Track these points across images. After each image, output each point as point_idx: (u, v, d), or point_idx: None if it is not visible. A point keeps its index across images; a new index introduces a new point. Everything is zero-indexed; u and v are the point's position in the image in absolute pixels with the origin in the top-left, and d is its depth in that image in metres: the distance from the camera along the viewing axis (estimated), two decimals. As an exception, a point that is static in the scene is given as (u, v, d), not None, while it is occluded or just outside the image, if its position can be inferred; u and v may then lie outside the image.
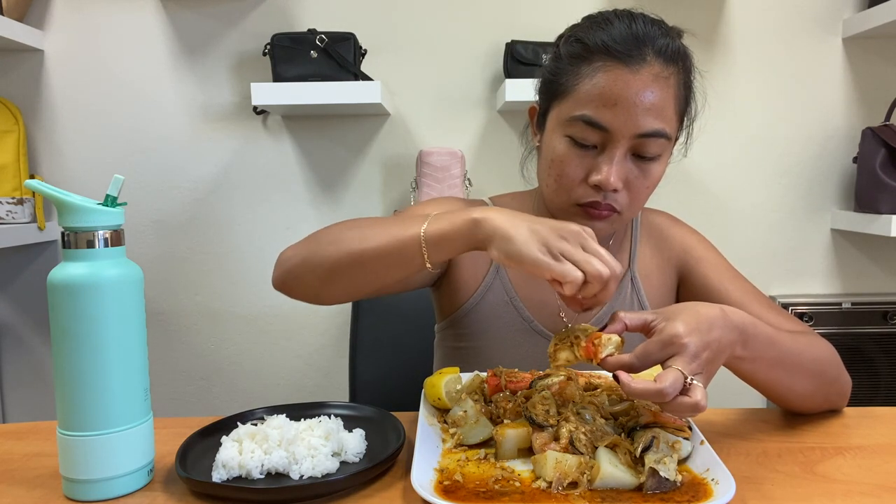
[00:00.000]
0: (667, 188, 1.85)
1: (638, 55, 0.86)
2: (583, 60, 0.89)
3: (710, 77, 1.84)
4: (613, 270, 0.71)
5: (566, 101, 0.90)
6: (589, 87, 0.87)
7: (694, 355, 0.69)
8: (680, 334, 0.69)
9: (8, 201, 1.72)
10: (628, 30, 0.88)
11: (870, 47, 1.83)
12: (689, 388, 0.67)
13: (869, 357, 1.83)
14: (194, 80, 1.84)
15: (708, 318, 0.72)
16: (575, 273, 0.69)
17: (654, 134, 0.87)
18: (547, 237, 0.72)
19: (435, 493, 0.63)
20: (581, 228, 0.74)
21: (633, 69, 0.86)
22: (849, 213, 1.81)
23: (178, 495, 0.70)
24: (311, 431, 0.75)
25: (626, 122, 0.86)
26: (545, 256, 0.70)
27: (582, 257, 0.71)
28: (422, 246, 0.78)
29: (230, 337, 1.93)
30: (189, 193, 1.87)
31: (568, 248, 0.71)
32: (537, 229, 0.73)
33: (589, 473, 0.66)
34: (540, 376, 0.82)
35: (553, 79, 0.93)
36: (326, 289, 0.87)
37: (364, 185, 1.87)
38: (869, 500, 0.67)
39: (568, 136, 0.90)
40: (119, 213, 0.69)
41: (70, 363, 0.67)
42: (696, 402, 0.66)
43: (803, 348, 0.85)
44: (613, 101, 0.86)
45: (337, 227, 0.88)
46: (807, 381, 0.85)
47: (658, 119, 0.87)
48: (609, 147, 0.88)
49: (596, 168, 0.89)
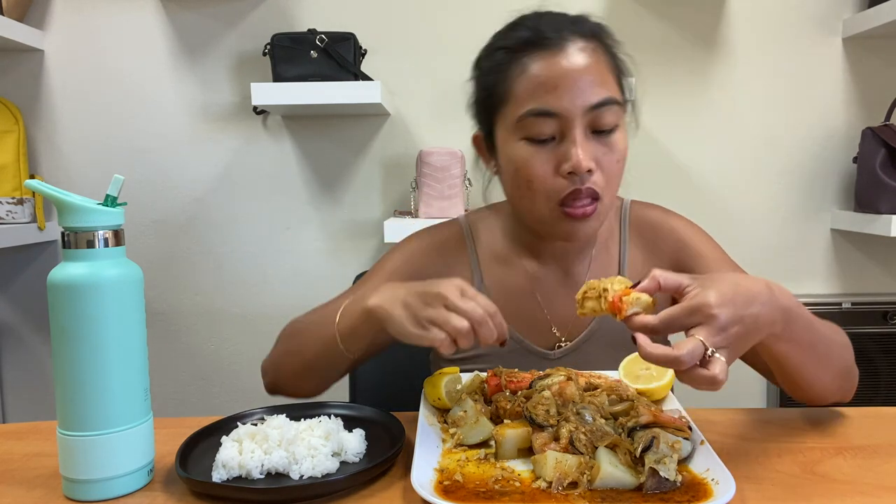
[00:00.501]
0: (667, 188, 1.86)
1: (558, 37, 0.87)
2: (509, 64, 0.89)
3: (711, 77, 1.84)
4: (472, 316, 0.74)
5: (507, 107, 0.89)
6: (525, 83, 0.87)
7: (721, 328, 0.65)
8: (710, 304, 0.65)
9: (8, 201, 1.72)
10: (541, 20, 0.90)
11: (870, 47, 1.83)
12: (709, 361, 0.64)
13: (869, 357, 1.83)
14: (194, 80, 1.84)
15: (748, 292, 0.68)
16: (439, 336, 0.74)
17: (603, 103, 0.86)
18: (415, 308, 0.78)
19: (435, 494, 0.63)
20: (446, 286, 0.77)
21: (559, 50, 0.86)
22: (849, 213, 1.81)
23: (178, 495, 0.70)
24: (311, 431, 0.75)
25: (573, 99, 0.85)
26: (416, 329, 0.76)
27: (442, 318, 0.75)
28: (338, 343, 0.87)
29: (230, 337, 1.93)
30: (189, 193, 1.87)
31: (431, 314, 0.76)
32: (409, 302, 0.78)
33: (589, 473, 0.66)
34: (540, 376, 0.82)
35: (486, 95, 0.93)
36: (309, 388, 0.97)
37: (364, 185, 1.87)
38: (869, 500, 0.67)
39: (524, 139, 0.88)
40: (119, 213, 0.69)
41: (70, 363, 0.67)
42: (713, 376, 0.64)
43: (834, 336, 0.84)
44: (554, 85, 0.85)
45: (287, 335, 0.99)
46: (832, 370, 0.84)
47: (602, 87, 0.86)
48: (567, 132, 0.86)
49: (563, 157, 0.86)
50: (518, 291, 1.02)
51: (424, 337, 0.76)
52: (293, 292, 1.90)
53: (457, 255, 1.04)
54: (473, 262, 1.04)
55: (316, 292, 1.90)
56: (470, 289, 0.79)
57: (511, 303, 1.00)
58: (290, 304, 1.90)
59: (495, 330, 0.76)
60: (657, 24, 1.81)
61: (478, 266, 1.03)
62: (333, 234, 1.89)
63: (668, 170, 1.86)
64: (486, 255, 1.04)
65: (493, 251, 1.04)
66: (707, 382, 0.64)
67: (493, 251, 1.04)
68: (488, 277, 1.03)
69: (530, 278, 1.02)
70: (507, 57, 0.89)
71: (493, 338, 0.76)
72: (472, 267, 1.03)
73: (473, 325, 0.75)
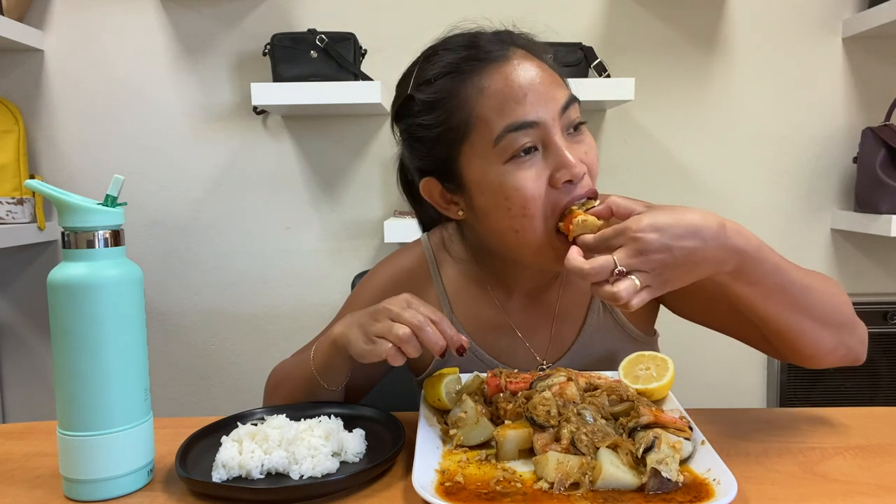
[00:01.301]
0: (667, 188, 1.86)
1: (499, 47, 0.83)
2: (460, 88, 0.82)
3: (711, 77, 1.84)
4: (412, 323, 0.76)
5: (475, 133, 0.81)
6: (490, 100, 0.80)
7: (640, 251, 0.67)
8: (633, 228, 0.68)
9: (8, 201, 1.72)
10: (467, 37, 0.86)
11: (870, 47, 1.83)
12: (616, 279, 0.67)
13: (869, 357, 1.81)
14: (194, 80, 1.84)
15: (689, 225, 0.69)
16: (384, 347, 0.77)
17: (570, 101, 0.83)
18: (366, 326, 0.80)
19: (436, 495, 0.63)
20: (392, 300, 0.80)
21: (508, 60, 0.82)
22: (849, 213, 1.81)
23: (178, 495, 0.70)
24: (311, 431, 0.75)
25: (546, 104, 0.80)
26: (367, 346, 0.79)
27: (385, 329, 0.77)
28: (319, 380, 0.88)
29: (230, 337, 1.93)
30: (189, 193, 1.87)
31: (378, 328, 0.78)
32: (361, 322, 0.81)
33: (591, 474, 0.66)
34: (540, 377, 0.82)
35: (440, 129, 0.83)
36: None
37: (364, 185, 1.87)
38: (869, 500, 0.67)
39: (508, 161, 0.80)
40: (119, 213, 0.69)
41: (70, 363, 0.67)
42: (612, 293, 0.67)
43: (815, 284, 0.79)
44: (523, 93, 0.80)
45: (273, 385, 0.99)
46: (818, 319, 0.79)
47: (560, 87, 0.83)
48: (548, 140, 0.80)
49: (554, 167, 0.80)
50: (488, 321, 0.98)
51: (372, 352, 0.78)
52: (293, 292, 1.90)
53: (423, 285, 1.00)
54: (440, 292, 1.00)
55: (316, 292, 1.90)
56: (415, 300, 0.80)
57: (483, 333, 0.98)
58: (290, 304, 1.90)
59: (440, 336, 0.77)
60: (657, 24, 1.81)
61: (445, 296, 0.99)
62: (333, 234, 1.89)
63: (668, 170, 1.86)
64: (452, 284, 1.00)
65: (459, 280, 1.00)
66: (608, 298, 0.68)
67: (458, 280, 1.00)
68: (458, 309, 0.99)
69: (502, 308, 0.98)
70: (453, 82, 0.82)
71: (437, 343, 0.77)
72: (440, 297, 1.00)
73: (415, 331, 0.76)
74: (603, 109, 1.84)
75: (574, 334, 0.98)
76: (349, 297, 1.06)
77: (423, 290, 1.00)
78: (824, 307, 0.80)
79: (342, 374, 0.88)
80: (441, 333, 0.78)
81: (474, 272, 1.00)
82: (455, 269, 1.01)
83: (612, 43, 1.82)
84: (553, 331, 0.99)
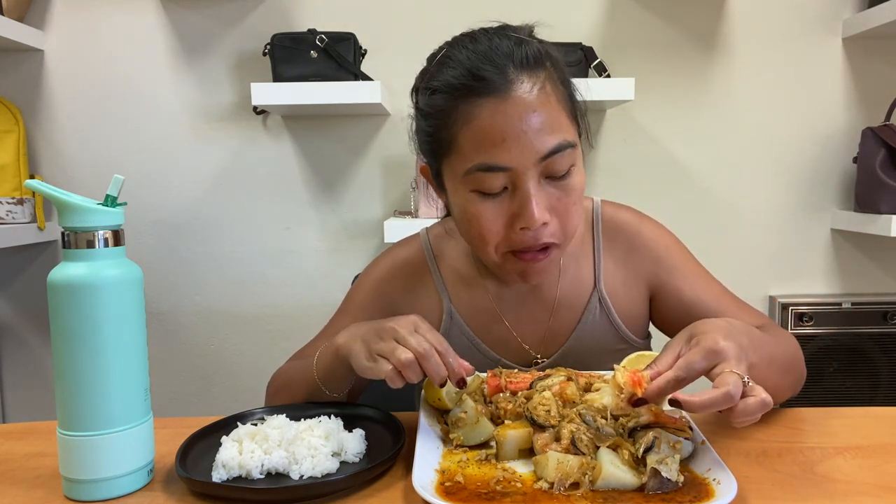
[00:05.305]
0: (667, 188, 1.86)
1: (501, 78, 0.78)
2: (450, 111, 0.80)
3: (711, 77, 1.84)
4: (417, 349, 0.75)
5: (452, 156, 0.82)
6: (470, 135, 0.79)
7: (737, 358, 0.68)
8: (718, 341, 0.68)
9: (8, 201, 1.72)
10: (477, 56, 0.80)
11: (870, 47, 1.83)
12: (749, 388, 0.65)
13: (869, 357, 1.83)
14: (194, 80, 1.84)
15: (729, 328, 0.71)
16: (385, 367, 0.76)
17: (557, 150, 0.79)
18: (370, 342, 0.79)
19: (436, 495, 0.63)
20: (400, 321, 0.79)
21: (504, 95, 0.78)
22: (849, 213, 1.81)
23: (178, 495, 0.70)
24: (311, 431, 0.75)
25: (522, 152, 0.77)
26: (368, 363, 0.78)
27: (389, 350, 0.76)
28: (321, 388, 0.88)
29: (230, 337, 1.93)
30: (189, 193, 1.87)
31: (381, 348, 0.77)
32: (366, 338, 0.80)
33: (591, 474, 0.66)
34: (540, 377, 0.82)
35: (431, 136, 0.85)
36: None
37: (364, 185, 1.87)
38: (869, 500, 0.67)
39: (473, 191, 0.81)
40: (119, 213, 0.69)
41: (70, 363, 0.67)
42: (762, 400, 0.64)
43: (780, 345, 0.87)
44: (501, 138, 0.77)
45: (274, 391, 0.99)
46: (785, 375, 0.87)
47: (554, 133, 0.79)
48: (519, 184, 0.79)
49: (517, 213, 0.80)
50: (485, 313, 1.00)
51: (372, 370, 0.77)
52: (293, 292, 1.90)
53: (422, 276, 1.02)
54: (439, 283, 1.01)
55: (316, 292, 1.90)
56: (424, 324, 0.79)
57: (481, 325, 1.00)
58: (290, 304, 1.90)
59: (443, 367, 0.75)
60: (657, 24, 1.81)
61: (444, 288, 1.01)
62: (333, 234, 1.89)
63: (668, 170, 1.86)
64: (451, 276, 1.01)
65: (457, 272, 1.01)
66: (760, 407, 0.64)
67: (457, 272, 1.01)
68: (455, 299, 1.00)
69: (496, 299, 1.00)
70: (446, 102, 0.81)
71: (440, 375, 0.75)
72: (439, 288, 1.01)
73: (418, 358, 0.75)
74: (603, 109, 1.84)
75: (570, 329, 0.99)
76: (349, 292, 1.07)
77: (422, 282, 1.02)
78: (788, 364, 0.88)
79: (345, 383, 0.88)
80: (445, 365, 0.76)
81: (470, 262, 1.01)
82: (454, 262, 1.02)
83: (612, 43, 1.82)
84: (549, 324, 0.99)
